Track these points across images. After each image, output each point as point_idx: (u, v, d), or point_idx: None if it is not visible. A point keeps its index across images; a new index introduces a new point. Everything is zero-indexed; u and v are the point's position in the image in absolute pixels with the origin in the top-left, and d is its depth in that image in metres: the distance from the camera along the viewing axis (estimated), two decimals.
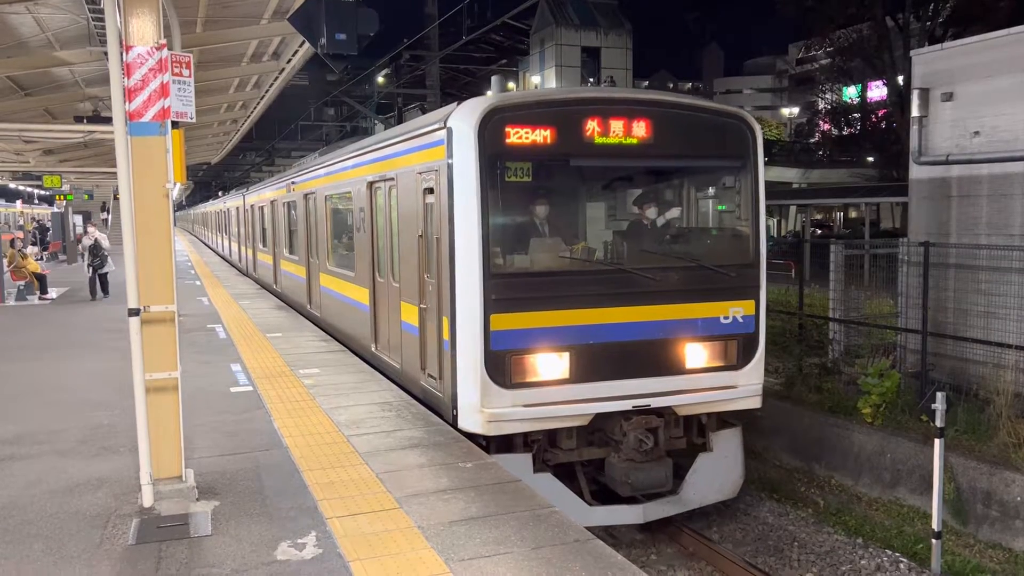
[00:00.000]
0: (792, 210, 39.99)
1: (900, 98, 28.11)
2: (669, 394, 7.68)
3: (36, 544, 4.95)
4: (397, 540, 4.89)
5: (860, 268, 12.74)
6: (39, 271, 19.86)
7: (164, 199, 5.40)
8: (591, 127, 7.48)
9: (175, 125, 6.02)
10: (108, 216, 42.79)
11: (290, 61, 14.52)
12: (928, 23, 29.14)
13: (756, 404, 8.15)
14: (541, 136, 7.28)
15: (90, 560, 4.73)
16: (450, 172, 7.29)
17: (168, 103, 5.30)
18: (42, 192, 44.72)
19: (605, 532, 8.00)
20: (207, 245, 46.02)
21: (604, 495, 7.99)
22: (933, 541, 7.46)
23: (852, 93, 39.36)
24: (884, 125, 35.02)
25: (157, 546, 4.88)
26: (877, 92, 37.54)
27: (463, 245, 7.18)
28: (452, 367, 7.38)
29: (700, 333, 7.83)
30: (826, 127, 41.61)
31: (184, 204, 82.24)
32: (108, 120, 13.10)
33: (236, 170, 60.62)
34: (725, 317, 7.92)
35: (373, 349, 10.25)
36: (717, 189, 8.99)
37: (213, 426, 7.47)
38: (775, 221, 38.48)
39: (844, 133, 39.14)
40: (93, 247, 18.72)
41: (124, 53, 5.18)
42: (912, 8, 28.86)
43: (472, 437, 7.13)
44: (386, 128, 14.75)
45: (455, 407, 7.38)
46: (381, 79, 43.21)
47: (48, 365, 10.91)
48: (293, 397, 8.53)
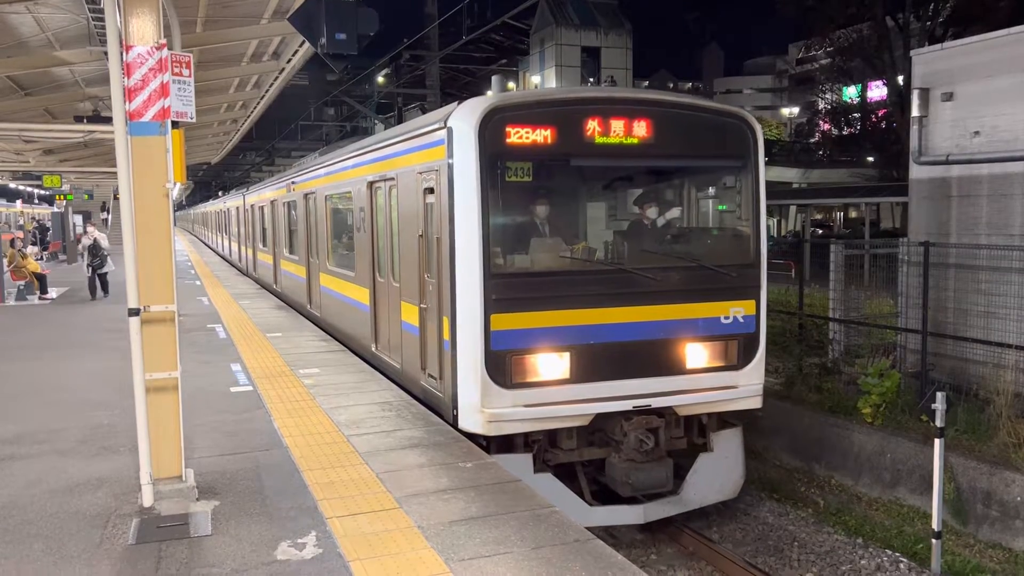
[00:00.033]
0: (792, 210, 39.99)
1: (900, 98, 28.12)
2: (670, 394, 7.68)
3: (36, 544, 4.95)
4: (397, 540, 4.89)
5: (860, 268, 12.74)
6: (39, 271, 19.86)
7: (164, 199, 5.40)
8: (592, 127, 7.47)
9: (175, 125, 6.02)
10: (108, 216, 42.79)
11: (290, 61, 14.51)
12: (928, 23, 29.15)
13: (757, 404, 8.15)
14: (541, 136, 7.28)
15: (90, 560, 4.73)
16: (450, 172, 7.28)
17: (168, 103, 5.30)
18: (42, 192, 44.70)
19: (605, 532, 8.00)
20: (207, 245, 46.02)
21: (605, 495, 7.98)
22: (933, 541, 7.46)
23: (852, 93, 39.36)
24: (884, 125, 35.03)
25: (157, 546, 4.88)
26: (877, 92, 37.55)
27: (463, 245, 7.18)
28: (452, 367, 7.38)
29: (701, 333, 7.82)
30: (826, 127, 41.60)
31: (184, 204, 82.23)
32: (108, 120, 13.10)
33: (236, 170, 60.60)
34: (726, 317, 7.91)
35: (373, 349, 10.25)
36: (718, 189, 8.98)
37: (213, 426, 7.47)
38: (775, 221, 38.48)
39: (844, 133, 39.15)
40: (92, 247, 18.72)
41: (124, 53, 5.18)
42: (912, 8, 28.87)
43: (472, 437, 7.12)
44: (386, 128, 14.74)
45: (455, 407, 7.38)
46: (381, 79, 43.21)
47: (48, 365, 10.91)
48: (293, 397, 8.53)
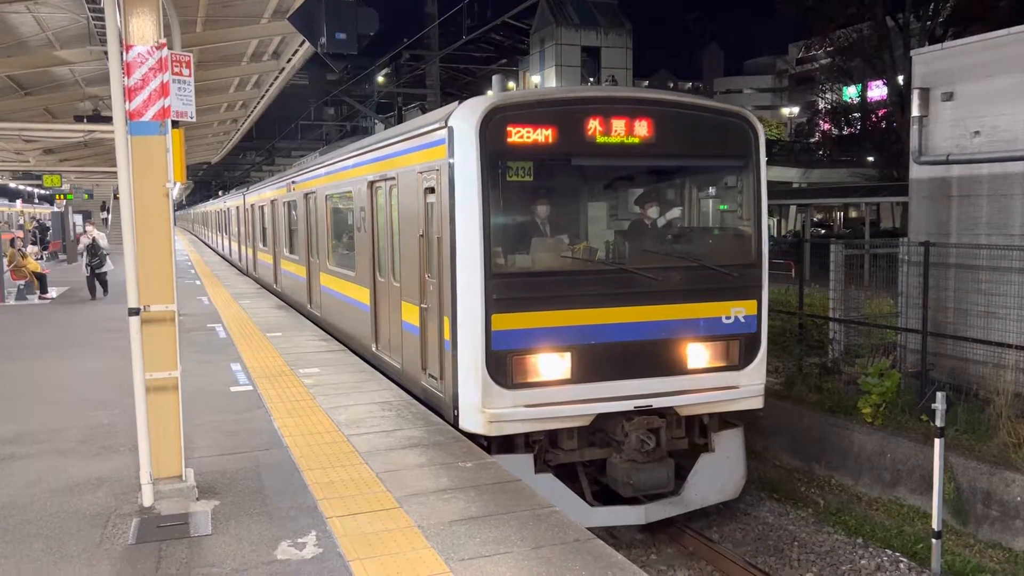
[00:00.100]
0: (792, 210, 39.98)
1: (900, 98, 28.12)
2: (671, 394, 7.67)
3: (36, 543, 4.95)
4: (397, 539, 4.89)
5: (860, 268, 12.74)
6: (39, 270, 19.86)
7: (164, 198, 5.40)
8: (593, 126, 7.46)
9: (175, 124, 6.02)
10: (108, 215, 42.78)
11: (290, 60, 14.51)
12: (928, 23, 29.15)
13: (758, 404, 8.13)
14: (542, 135, 7.26)
15: (90, 560, 4.72)
16: (451, 171, 7.27)
17: (168, 102, 5.30)
18: (42, 192, 44.69)
19: (605, 532, 7.99)
20: (207, 244, 46.02)
21: (606, 496, 7.97)
22: (933, 541, 7.46)
23: (852, 93, 39.38)
24: (884, 125, 35.01)
25: (157, 545, 4.88)
26: (877, 92, 37.57)
27: (464, 245, 7.16)
28: (453, 367, 7.36)
29: (702, 333, 7.81)
30: (826, 127, 41.59)
31: (184, 203, 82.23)
32: (108, 119, 13.10)
33: (236, 169, 60.60)
34: (727, 317, 7.90)
35: (374, 349, 10.24)
36: (719, 189, 8.96)
37: (213, 425, 7.46)
38: (775, 221, 38.47)
39: (844, 133, 39.13)
40: (91, 246, 18.70)
41: (124, 52, 5.17)
42: (912, 8, 28.87)
43: (473, 437, 7.11)
44: (386, 128, 14.74)
45: (456, 407, 7.37)
46: (381, 79, 43.21)
47: (48, 364, 10.91)
48: (293, 396, 8.53)
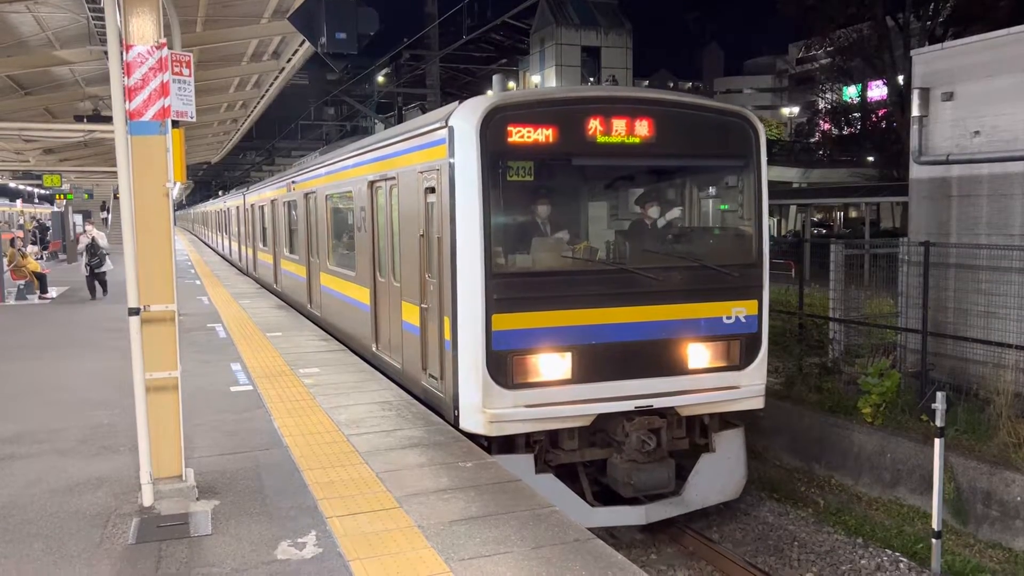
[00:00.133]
0: (792, 210, 39.99)
1: (900, 98, 28.14)
2: (672, 394, 7.66)
3: (36, 543, 4.95)
4: (397, 539, 4.89)
5: (860, 268, 12.74)
6: (39, 270, 19.86)
7: (164, 198, 5.40)
8: (593, 126, 7.45)
9: (175, 124, 6.02)
10: (108, 215, 42.78)
11: (290, 60, 14.51)
12: (928, 23, 29.16)
13: (759, 404, 8.12)
14: (543, 135, 7.25)
15: (90, 559, 4.72)
16: (452, 171, 7.26)
17: (168, 102, 5.30)
18: (42, 191, 44.68)
19: (606, 532, 7.99)
20: (207, 244, 46.01)
21: (606, 496, 7.96)
22: (933, 541, 7.46)
23: (852, 93, 39.38)
24: (884, 125, 35.03)
25: (157, 545, 4.88)
26: (877, 92, 37.59)
27: (465, 244, 7.16)
28: (454, 367, 7.36)
29: (703, 333, 7.80)
30: (826, 127, 41.61)
31: (184, 203, 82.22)
32: (108, 119, 13.10)
33: (236, 169, 60.57)
34: (728, 317, 7.89)
35: (374, 349, 10.24)
36: (720, 188, 8.95)
37: (213, 425, 7.46)
38: (775, 221, 38.47)
39: (844, 133, 39.15)
40: (91, 246, 18.69)
41: (124, 52, 5.17)
42: (912, 8, 28.88)
43: (474, 438, 7.10)
44: (386, 127, 14.73)
45: (457, 407, 7.36)
46: (381, 78, 43.22)
47: (48, 364, 10.90)
48: (293, 396, 8.53)
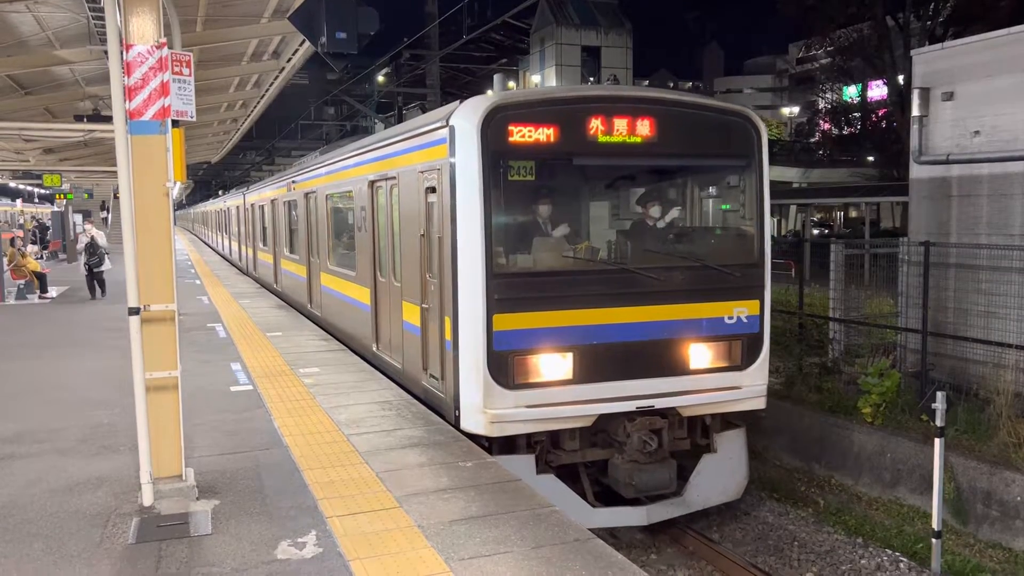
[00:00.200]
0: (792, 209, 40.00)
1: (900, 97, 28.15)
2: (673, 395, 7.63)
3: (36, 543, 4.95)
4: (397, 539, 4.89)
5: (860, 268, 12.74)
6: (39, 270, 19.86)
7: (164, 198, 5.39)
8: (595, 125, 7.43)
9: (175, 124, 6.01)
10: (108, 215, 42.77)
11: (290, 60, 14.50)
12: (928, 22, 29.17)
13: (761, 405, 8.10)
14: (544, 135, 7.24)
15: (90, 559, 4.72)
16: (452, 171, 7.25)
17: (168, 102, 5.29)
18: (42, 191, 44.68)
19: (606, 533, 7.98)
20: (207, 244, 46.01)
21: (607, 497, 7.95)
22: (933, 541, 7.46)
23: (852, 92, 39.39)
24: (884, 124, 35.05)
25: (157, 545, 4.88)
26: (877, 91, 37.61)
27: (465, 244, 7.14)
28: (454, 367, 7.34)
29: (704, 333, 7.78)
30: (826, 126, 41.62)
31: (184, 203, 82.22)
32: (108, 119, 13.09)
33: (236, 169, 60.61)
34: (729, 317, 7.86)
35: (374, 349, 10.23)
36: (721, 188, 8.93)
37: (213, 425, 7.46)
38: (775, 221, 38.46)
39: (844, 132, 39.18)
40: (90, 245, 18.68)
41: (124, 52, 5.17)
42: (912, 7, 28.88)
43: (474, 438, 7.09)
44: (386, 127, 14.73)
45: (457, 408, 7.35)
46: (381, 78, 43.21)
47: (48, 364, 10.90)
48: (293, 396, 8.53)
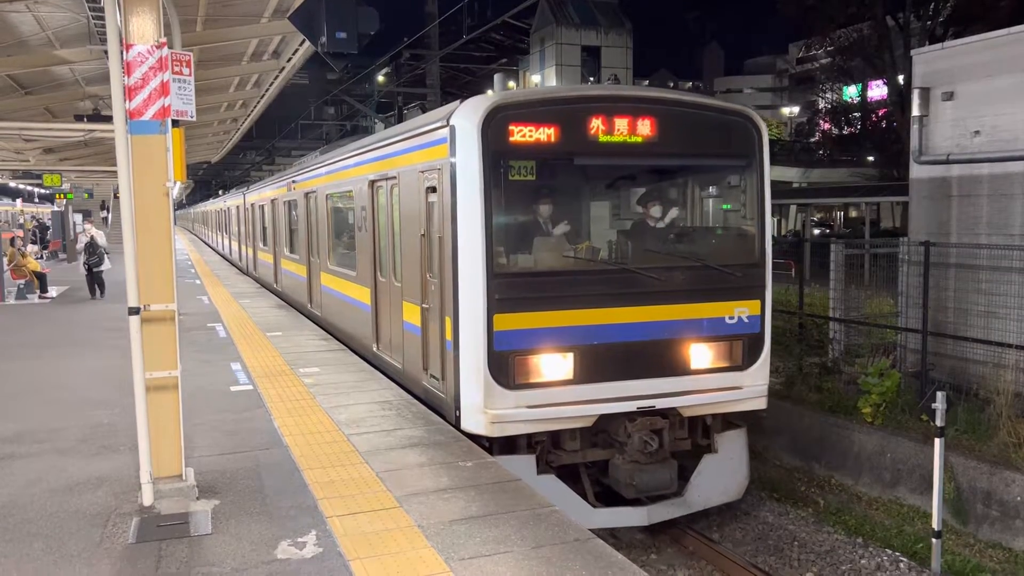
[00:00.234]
0: (792, 209, 40.00)
1: (900, 97, 28.16)
2: (674, 395, 7.62)
3: (36, 543, 4.95)
4: (397, 539, 4.89)
5: (860, 267, 12.74)
6: (39, 270, 19.86)
7: (164, 198, 5.39)
8: (595, 125, 7.42)
9: (175, 124, 6.01)
10: (108, 214, 42.76)
11: (290, 60, 14.50)
12: (928, 22, 29.18)
13: (762, 405, 8.09)
14: (545, 134, 7.23)
15: (90, 559, 4.72)
16: (453, 171, 7.24)
17: (168, 101, 5.29)
18: (42, 191, 44.68)
19: (607, 533, 7.98)
20: (207, 244, 46.01)
21: (608, 497, 7.94)
22: (933, 540, 7.46)
23: (852, 92, 39.39)
24: (884, 124, 35.06)
25: (157, 545, 4.88)
26: (877, 91, 37.63)
27: (466, 244, 7.13)
28: (455, 368, 7.33)
29: (705, 333, 7.76)
30: (826, 126, 41.63)
31: (184, 203, 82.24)
32: (108, 119, 13.09)
33: (236, 169, 60.63)
34: (730, 317, 7.85)
35: (375, 349, 10.23)
36: (722, 188, 8.92)
37: (213, 425, 7.46)
38: (775, 221, 38.43)
39: (844, 132, 39.18)
40: (89, 244, 18.67)
41: (124, 51, 5.17)
42: (912, 7, 28.89)
43: (475, 438, 7.09)
44: (386, 127, 14.73)
45: (458, 408, 7.34)
46: (381, 78, 43.20)
47: (48, 363, 10.90)
48: (293, 396, 8.53)
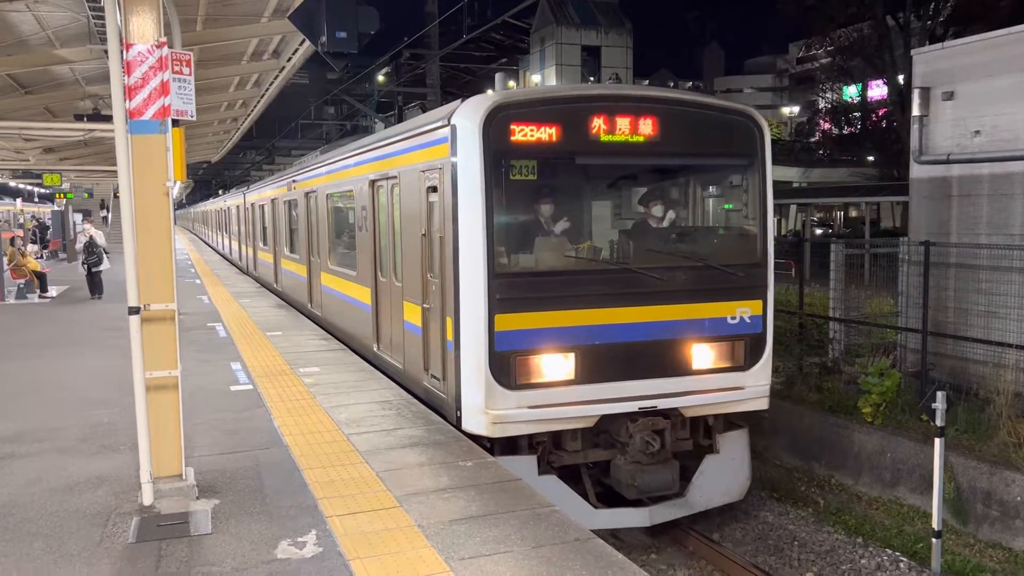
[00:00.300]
0: (792, 209, 40.00)
1: (901, 97, 28.15)
2: (676, 395, 7.61)
3: (36, 542, 4.95)
4: (397, 539, 4.89)
5: (860, 267, 12.74)
6: (39, 269, 19.86)
7: (164, 197, 5.39)
8: (597, 124, 7.41)
9: (175, 123, 6.01)
10: (108, 214, 42.75)
11: (290, 59, 14.50)
12: (929, 22, 29.18)
13: (764, 405, 8.07)
14: (546, 134, 7.21)
15: (90, 558, 4.72)
16: (454, 170, 7.23)
17: (168, 101, 5.29)
18: (42, 190, 44.67)
19: (609, 534, 7.97)
20: (207, 244, 46.01)
21: (610, 498, 7.93)
22: (933, 540, 7.46)
23: (852, 92, 39.39)
24: (884, 124, 35.06)
25: (157, 544, 4.88)
26: (877, 91, 37.63)
27: (467, 244, 7.12)
28: (456, 368, 7.32)
29: (707, 334, 7.75)
30: (827, 126, 41.63)
31: (184, 202, 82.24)
32: (108, 118, 13.09)
33: (236, 168, 60.68)
34: (732, 317, 7.84)
35: (375, 349, 10.23)
36: (724, 188, 8.90)
37: (213, 424, 7.46)
38: (775, 220, 38.36)
39: (845, 132, 39.17)
40: (88, 244, 18.66)
41: (124, 51, 5.17)
42: (913, 7, 28.89)
43: (476, 439, 7.07)
44: (386, 127, 14.72)
45: (459, 408, 7.33)
46: (381, 77, 43.19)
47: (48, 363, 10.90)
48: (293, 395, 8.53)
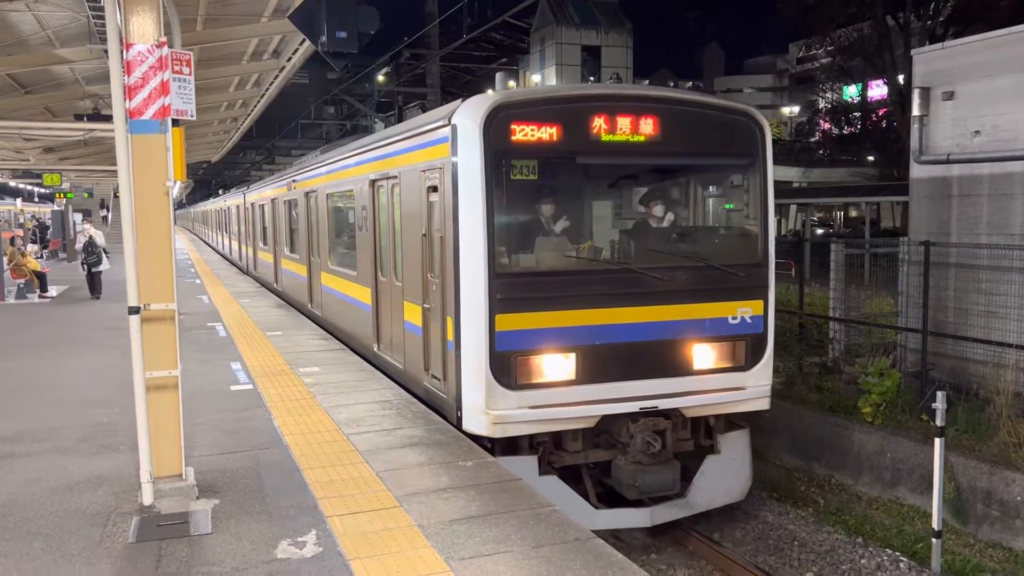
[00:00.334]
0: (792, 209, 40.00)
1: (901, 97, 28.15)
2: (677, 396, 7.61)
3: (36, 542, 4.95)
4: (397, 538, 4.89)
5: (860, 267, 12.74)
6: (39, 269, 19.86)
7: (164, 197, 5.39)
8: (598, 124, 7.40)
9: (175, 123, 6.01)
10: (108, 214, 42.74)
11: (290, 59, 14.51)
12: (929, 22, 29.17)
13: (765, 406, 8.07)
14: (547, 133, 7.20)
15: (90, 558, 4.72)
16: (454, 170, 7.23)
17: (168, 101, 5.29)
18: (42, 190, 44.67)
19: (609, 534, 7.97)
20: (207, 243, 46.01)
21: (610, 498, 7.92)
22: (933, 540, 7.46)
23: (853, 92, 39.39)
24: (885, 124, 35.06)
25: (157, 544, 4.88)
26: (877, 91, 37.63)
27: (467, 244, 7.11)
28: (456, 368, 7.31)
29: (708, 334, 7.74)
30: (827, 126, 41.62)
31: (184, 202, 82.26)
32: (108, 118, 13.10)
33: (236, 168, 60.69)
34: (733, 317, 7.83)
35: (375, 349, 10.23)
36: (725, 187, 8.89)
37: (213, 424, 7.46)
38: (775, 220, 38.37)
39: (845, 132, 39.16)
40: (88, 244, 18.66)
41: (124, 51, 5.17)
42: (913, 7, 28.89)
43: (476, 439, 7.07)
44: (386, 126, 14.72)
45: (459, 408, 7.33)
46: (381, 77, 43.20)
47: (48, 363, 10.90)
48: (293, 395, 8.53)
